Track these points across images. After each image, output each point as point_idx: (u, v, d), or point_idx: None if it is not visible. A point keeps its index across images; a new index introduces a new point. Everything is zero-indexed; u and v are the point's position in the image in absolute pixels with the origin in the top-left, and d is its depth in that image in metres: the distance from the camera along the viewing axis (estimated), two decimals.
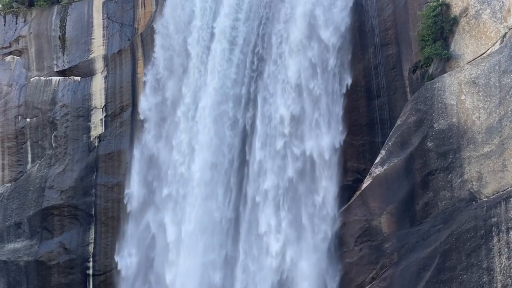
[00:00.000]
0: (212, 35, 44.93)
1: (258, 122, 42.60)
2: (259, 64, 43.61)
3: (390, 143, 37.70)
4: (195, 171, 43.47)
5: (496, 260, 33.44)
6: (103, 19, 51.86)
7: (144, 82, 48.65)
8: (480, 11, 36.35)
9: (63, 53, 52.79)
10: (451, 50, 37.44)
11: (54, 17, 53.47)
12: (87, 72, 51.96)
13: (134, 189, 47.64)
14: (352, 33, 41.54)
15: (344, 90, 41.25)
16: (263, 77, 43.23)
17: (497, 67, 34.73)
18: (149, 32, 49.36)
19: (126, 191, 47.93)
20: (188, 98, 45.20)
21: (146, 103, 48.14)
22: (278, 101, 41.89)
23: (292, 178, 40.99)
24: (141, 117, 48.26)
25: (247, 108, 43.59)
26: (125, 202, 47.81)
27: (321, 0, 41.87)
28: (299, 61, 41.58)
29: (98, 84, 51.53)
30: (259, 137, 42.33)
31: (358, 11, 41.76)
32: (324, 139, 40.73)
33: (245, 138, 43.44)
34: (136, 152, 48.02)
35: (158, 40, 48.06)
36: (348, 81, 41.24)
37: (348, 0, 41.81)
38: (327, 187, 40.37)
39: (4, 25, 55.13)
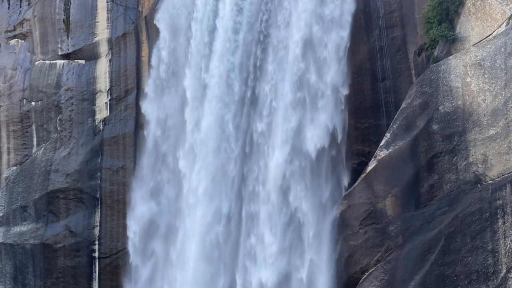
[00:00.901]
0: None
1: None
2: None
3: (395, 126, 37.62)
4: None
5: (501, 242, 33.47)
6: (107, 2, 51.62)
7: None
8: None
9: (68, 37, 52.68)
10: (456, 32, 37.26)
11: (58, 0, 53.33)
12: (91, 56, 51.87)
13: None
14: (356, 17, 41.36)
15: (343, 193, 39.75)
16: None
17: (502, 49, 34.59)
18: (153, 15, 49.24)
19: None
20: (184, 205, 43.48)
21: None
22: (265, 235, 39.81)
23: None
24: None
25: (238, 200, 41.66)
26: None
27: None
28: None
29: (102, 68, 51.45)
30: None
31: None
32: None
33: (239, 233, 41.41)
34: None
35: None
36: (346, 181, 39.92)
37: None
38: None
39: (8, 8, 55.04)
